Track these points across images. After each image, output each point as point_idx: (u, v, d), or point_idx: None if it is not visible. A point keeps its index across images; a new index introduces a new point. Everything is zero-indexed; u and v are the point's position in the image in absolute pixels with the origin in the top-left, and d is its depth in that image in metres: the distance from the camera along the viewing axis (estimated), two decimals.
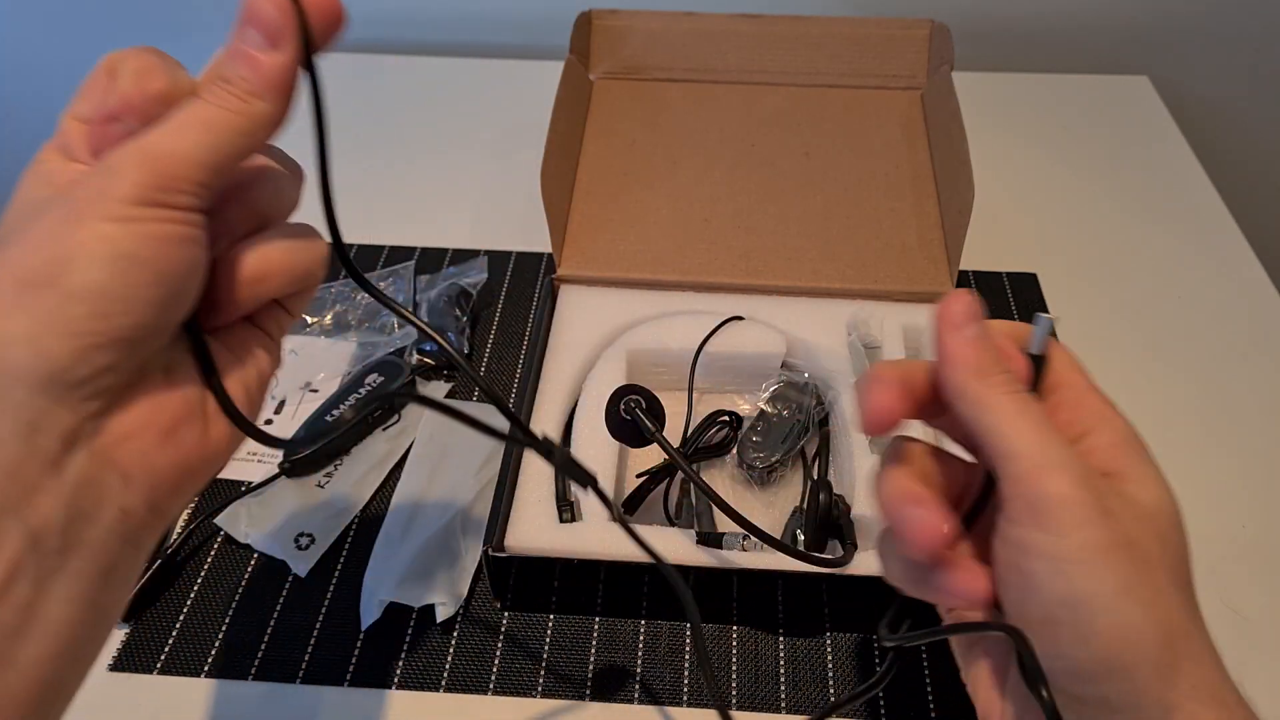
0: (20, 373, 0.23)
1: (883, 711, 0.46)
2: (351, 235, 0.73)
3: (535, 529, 0.48)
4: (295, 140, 0.31)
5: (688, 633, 0.49)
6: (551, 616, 0.50)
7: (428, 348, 0.62)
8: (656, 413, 0.46)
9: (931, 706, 0.46)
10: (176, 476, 0.27)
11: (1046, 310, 0.66)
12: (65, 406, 0.24)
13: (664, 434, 0.45)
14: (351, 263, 0.32)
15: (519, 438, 0.32)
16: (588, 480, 0.32)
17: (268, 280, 0.29)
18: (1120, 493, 0.27)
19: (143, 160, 0.25)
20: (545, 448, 0.31)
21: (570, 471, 0.32)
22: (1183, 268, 0.70)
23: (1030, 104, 0.86)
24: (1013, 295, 0.67)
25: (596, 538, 0.47)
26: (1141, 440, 0.29)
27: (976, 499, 0.30)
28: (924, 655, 0.48)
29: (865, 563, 0.46)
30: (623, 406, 0.46)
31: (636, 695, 0.47)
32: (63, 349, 0.23)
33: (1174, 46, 0.91)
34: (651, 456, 0.53)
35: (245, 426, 0.28)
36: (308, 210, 0.32)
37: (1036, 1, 0.89)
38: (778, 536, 0.49)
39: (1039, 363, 0.30)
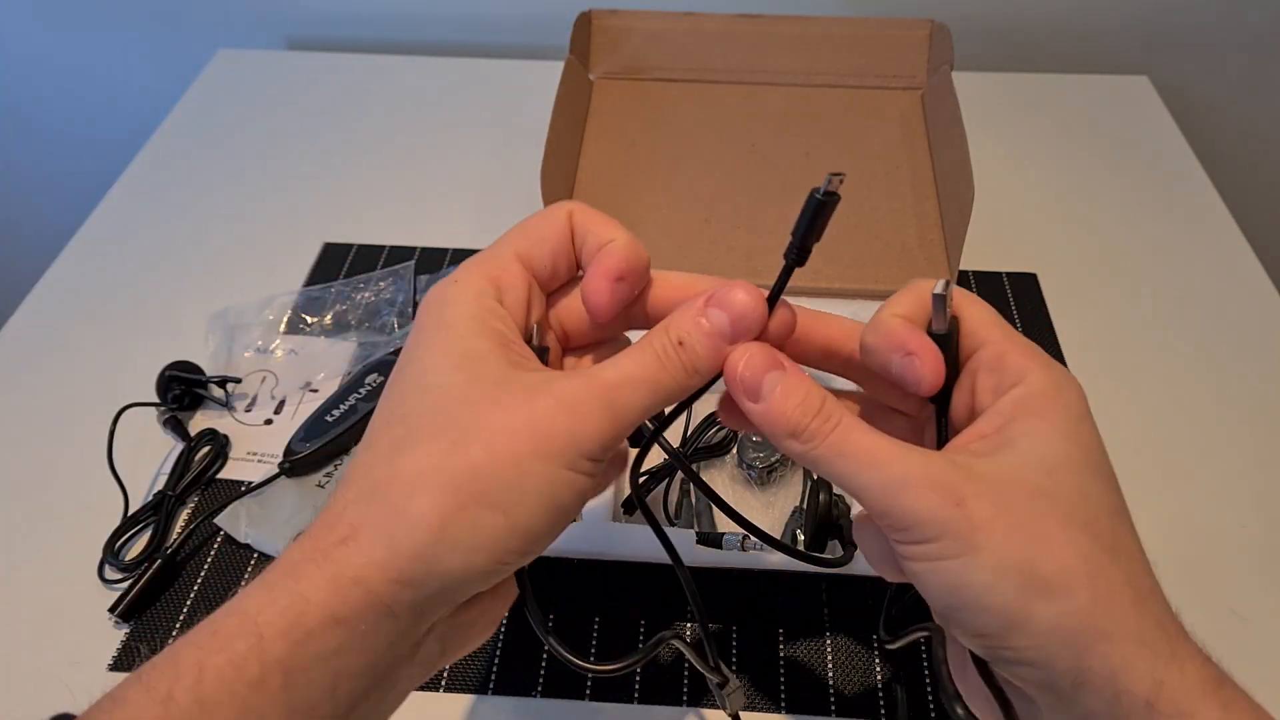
0: (445, 578, 0.26)
1: (882, 712, 0.46)
2: (351, 235, 0.73)
3: None
4: (310, 141, 0.32)
5: (686, 633, 0.49)
6: (551, 616, 0.50)
7: None
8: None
9: (931, 707, 0.46)
10: (457, 656, 0.30)
11: (1047, 310, 0.66)
12: (449, 606, 0.27)
13: (664, 434, 0.45)
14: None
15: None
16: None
17: None
18: (1000, 454, 0.27)
19: (608, 414, 0.27)
20: None
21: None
22: (1183, 268, 0.70)
23: (1030, 104, 0.86)
24: (1013, 295, 0.67)
25: (596, 537, 0.47)
26: (1061, 386, 0.28)
27: None
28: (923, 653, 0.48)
29: (865, 563, 0.46)
30: None
31: (636, 695, 0.47)
32: (485, 566, 0.26)
33: (1174, 46, 0.91)
34: (651, 456, 0.53)
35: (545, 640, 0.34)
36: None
37: (1036, 1, 0.89)
38: (777, 536, 0.49)
39: (946, 340, 0.29)
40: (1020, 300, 0.67)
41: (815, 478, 0.53)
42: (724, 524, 0.50)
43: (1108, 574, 0.25)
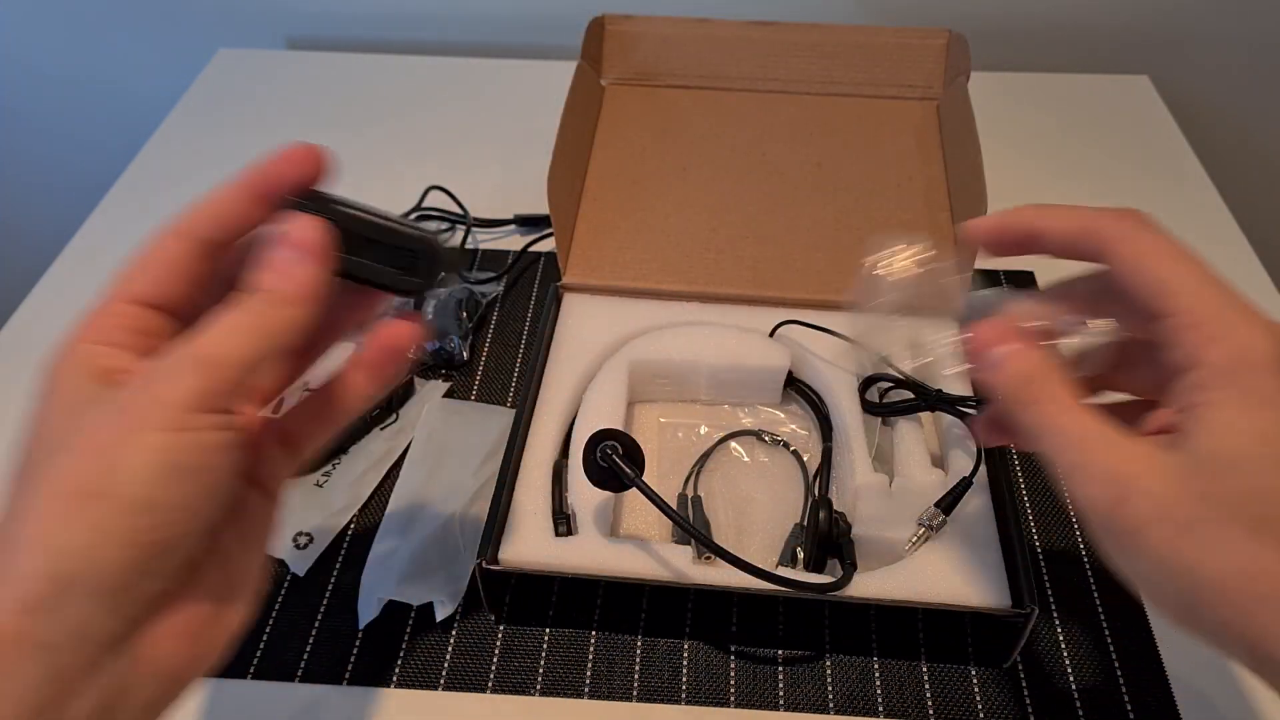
0: (77, 582, 0.24)
1: (881, 711, 0.46)
2: None
3: (531, 542, 0.47)
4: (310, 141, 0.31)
5: (684, 651, 0.49)
6: (547, 631, 0.49)
7: (426, 347, 0.62)
8: (635, 458, 0.44)
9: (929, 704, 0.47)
10: (195, 669, 0.28)
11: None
12: (114, 614, 0.25)
13: (643, 477, 0.43)
14: None
15: None
16: None
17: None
18: (1174, 451, 0.28)
19: (197, 365, 0.26)
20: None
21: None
22: None
23: (1031, 104, 0.86)
24: None
25: (594, 553, 0.46)
26: (1243, 362, 0.28)
27: None
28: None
29: (864, 585, 0.45)
30: (599, 454, 0.44)
31: (636, 694, 0.47)
32: (118, 559, 0.24)
33: (1174, 46, 0.91)
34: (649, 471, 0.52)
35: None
36: None
37: (1037, 1, 0.89)
38: (780, 549, 0.49)
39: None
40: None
41: (816, 495, 0.53)
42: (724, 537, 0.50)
43: (1271, 577, 0.25)
